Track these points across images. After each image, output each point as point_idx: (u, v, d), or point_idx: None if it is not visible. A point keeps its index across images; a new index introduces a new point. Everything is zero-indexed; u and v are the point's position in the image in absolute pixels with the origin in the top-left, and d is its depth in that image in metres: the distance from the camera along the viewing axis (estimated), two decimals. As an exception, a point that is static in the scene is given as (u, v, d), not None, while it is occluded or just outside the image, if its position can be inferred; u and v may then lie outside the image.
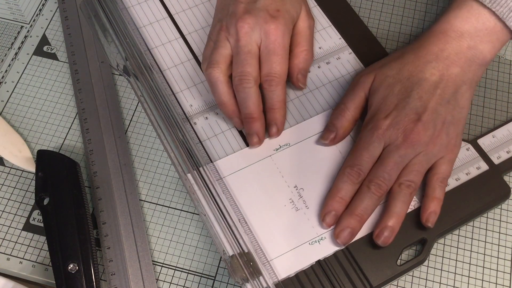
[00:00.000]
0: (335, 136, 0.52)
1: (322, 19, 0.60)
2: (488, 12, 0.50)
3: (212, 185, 0.50)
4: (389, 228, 0.46)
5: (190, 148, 0.52)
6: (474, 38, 0.50)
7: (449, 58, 0.50)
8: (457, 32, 0.51)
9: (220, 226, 0.48)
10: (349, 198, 0.48)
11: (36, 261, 0.50)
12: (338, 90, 0.56)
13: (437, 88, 0.49)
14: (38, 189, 0.50)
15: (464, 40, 0.51)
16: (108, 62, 0.59)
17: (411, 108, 0.49)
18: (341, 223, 0.47)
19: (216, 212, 0.49)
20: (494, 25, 0.50)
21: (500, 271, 0.49)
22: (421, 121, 0.48)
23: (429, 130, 0.48)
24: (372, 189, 0.47)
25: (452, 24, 0.51)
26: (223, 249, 0.47)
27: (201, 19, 0.61)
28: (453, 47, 0.50)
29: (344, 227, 0.47)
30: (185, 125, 0.53)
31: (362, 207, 0.47)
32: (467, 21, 0.51)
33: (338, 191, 0.48)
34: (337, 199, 0.48)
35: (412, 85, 0.50)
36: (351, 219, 0.47)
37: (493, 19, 0.50)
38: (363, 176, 0.48)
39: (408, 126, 0.48)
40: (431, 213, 0.48)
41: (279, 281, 0.46)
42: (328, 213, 0.48)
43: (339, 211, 0.48)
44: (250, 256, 0.47)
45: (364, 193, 0.47)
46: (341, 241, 0.47)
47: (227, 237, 0.47)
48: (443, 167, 0.49)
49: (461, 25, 0.51)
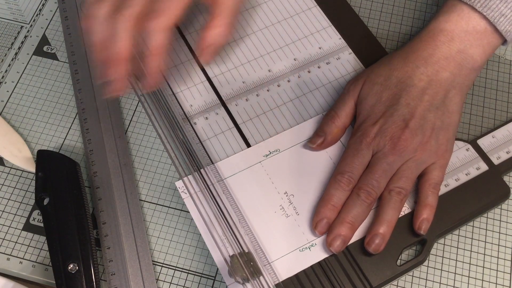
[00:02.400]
0: (323, 141, 0.52)
1: (322, 19, 0.60)
2: (478, 16, 0.50)
3: (213, 186, 0.50)
4: (380, 235, 0.46)
5: (191, 148, 0.52)
6: (464, 42, 0.50)
7: (439, 62, 0.50)
8: (447, 36, 0.51)
9: (221, 227, 0.48)
10: (341, 205, 0.48)
11: (36, 261, 0.50)
12: (338, 90, 0.56)
13: (425, 94, 0.49)
14: (38, 189, 0.50)
15: (454, 44, 0.50)
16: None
17: (399, 115, 0.49)
18: (332, 231, 0.47)
19: (216, 213, 0.49)
20: (484, 29, 0.50)
21: (500, 271, 0.49)
22: (409, 128, 0.48)
23: (417, 136, 0.48)
24: (362, 196, 0.47)
25: (442, 28, 0.51)
26: (220, 250, 0.47)
27: (202, 19, 0.61)
28: (442, 51, 0.50)
29: (336, 235, 0.47)
30: (185, 125, 0.53)
31: (352, 214, 0.47)
32: (457, 25, 0.50)
33: (330, 198, 0.48)
34: (329, 206, 0.47)
35: (400, 92, 0.50)
36: (342, 227, 0.47)
37: (483, 23, 0.50)
38: (354, 183, 0.48)
39: (396, 134, 0.48)
40: (423, 220, 0.48)
41: (279, 282, 0.46)
42: (320, 221, 0.47)
43: (331, 219, 0.47)
44: (251, 256, 0.47)
45: (354, 200, 0.47)
46: (334, 250, 0.47)
47: (228, 237, 0.47)
48: (434, 173, 0.49)
49: (451, 29, 0.51)
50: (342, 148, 0.52)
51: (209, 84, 0.57)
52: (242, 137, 0.53)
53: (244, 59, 0.58)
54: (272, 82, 0.57)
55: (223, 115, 0.55)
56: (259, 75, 0.57)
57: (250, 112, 0.55)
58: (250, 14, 0.61)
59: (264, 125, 0.54)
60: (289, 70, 0.57)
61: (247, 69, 0.58)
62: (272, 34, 0.60)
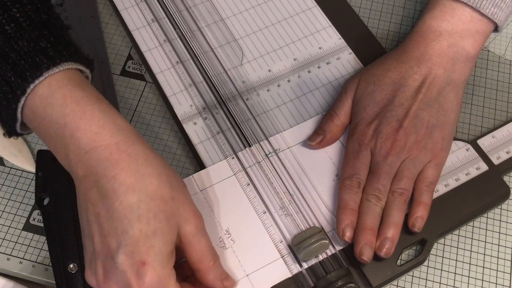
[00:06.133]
0: (322, 139, 0.52)
1: (322, 19, 0.60)
2: (461, 5, 0.50)
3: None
4: (389, 239, 0.46)
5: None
6: (453, 35, 0.50)
7: (431, 60, 0.50)
8: (435, 33, 0.51)
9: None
10: (357, 208, 0.48)
11: (36, 261, 0.50)
12: (338, 90, 0.56)
13: (419, 93, 0.49)
14: (38, 189, 0.50)
15: (444, 39, 0.50)
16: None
17: (393, 115, 0.49)
18: (358, 241, 0.46)
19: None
20: (470, 18, 0.50)
21: (500, 271, 0.49)
22: (403, 128, 0.48)
23: (411, 136, 0.48)
24: (373, 201, 0.47)
25: (429, 25, 0.51)
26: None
27: (202, 19, 0.61)
28: (434, 48, 0.50)
29: (363, 244, 0.46)
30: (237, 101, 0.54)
31: (370, 219, 0.47)
32: (442, 19, 0.51)
33: (346, 203, 0.48)
34: (348, 211, 0.47)
35: (394, 92, 0.50)
36: (365, 234, 0.46)
37: (468, 12, 0.50)
38: (363, 184, 0.48)
39: (390, 134, 0.48)
40: (417, 218, 0.47)
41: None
42: (345, 228, 0.47)
43: (354, 222, 0.47)
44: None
45: (367, 206, 0.47)
46: (367, 258, 0.46)
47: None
48: (429, 171, 0.49)
49: (438, 25, 0.51)
50: (341, 147, 0.52)
51: (209, 84, 0.57)
52: (242, 137, 0.53)
53: (244, 59, 0.58)
54: (272, 82, 0.57)
55: (223, 115, 0.55)
56: (259, 74, 0.57)
57: (250, 111, 0.55)
58: (250, 14, 0.61)
59: (265, 124, 0.54)
60: (289, 70, 0.57)
61: (247, 68, 0.58)
62: (272, 34, 0.60)
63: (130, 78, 0.60)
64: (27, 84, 0.40)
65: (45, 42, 0.41)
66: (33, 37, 0.41)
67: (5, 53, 0.40)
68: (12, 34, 0.41)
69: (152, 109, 0.58)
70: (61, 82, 0.41)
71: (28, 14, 0.42)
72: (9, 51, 0.40)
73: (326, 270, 0.47)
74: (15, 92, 0.40)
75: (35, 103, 0.40)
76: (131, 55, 0.61)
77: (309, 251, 0.46)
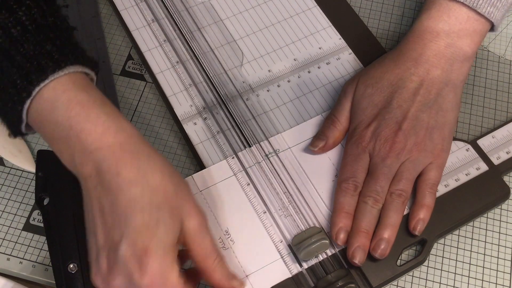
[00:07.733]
0: (324, 145, 0.52)
1: (322, 19, 0.60)
2: (458, 5, 0.50)
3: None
4: (385, 240, 0.46)
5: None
6: (450, 35, 0.50)
7: (429, 61, 0.50)
8: (433, 33, 0.51)
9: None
10: (353, 211, 0.48)
11: (36, 261, 0.50)
12: (338, 90, 0.56)
13: (417, 95, 0.49)
14: (38, 189, 0.49)
15: (441, 39, 0.50)
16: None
17: (391, 117, 0.49)
18: (351, 244, 0.46)
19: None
20: (467, 18, 0.50)
21: (500, 271, 0.49)
22: (402, 130, 0.48)
23: (411, 137, 0.48)
24: (370, 203, 0.47)
25: (425, 26, 0.51)
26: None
27: (201, 19, 0.61)
28: (431, 49, 0.50)
29: (355, 247, 0.46)
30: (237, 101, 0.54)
31: (365, 222, 0.47)
32: (439, 20, 0.51)
33: (342, 206, 0.48)
34: (342, 214, 0.47)
35: (392, 94, 0.50)
36: (358, 237, 0.46)
37: (464, 11, 0.50)
38: (360, 187, 0.48)
39: (389, 137, 0.48)
40: (419, 221, 0.47)
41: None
42: (339, 231, 0.47)
43: (348, 226, 0.47)
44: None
45: (363, 208, 0.47)
46: (358, 261, 0.46)
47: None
48: (431, 173, 0.49)
49: (435, 25, 0.51)
50: (341, 148, 0.52)
51: (209, 84, 0.57)
52: (242, 137, 0.53)
53: (244, 59, 0.58)
54: (272, 82, 0.57)
55: (223, 115, 0.55)
56: (259, 75, 0.57)
57: (250, 111, 0.55)
58: (250, 14, 0.61)
59: (265, 124, 0.54)
60: (289, 70, 0.57)
61: (247, 69, 0.58)
62: (272, 34, 0.60)
63: (130, 78, 0.60)
64: (32, 87, 0.40)
65: (51, 45, 0.41)
66: (39, 40, 0.41)
67: (11, 56, 0.41)
68: (18, 37, 0.41)
69: (152, 109, 0.58)
70: (66, 85, 0.41)
71: (34, 17, 0.42)
72: (15, 54, 0.41)
73: (326, 270, 0.47)
74: (21, 95, 0.41)
75: (41, 106, 0.41)
76: (131, 55, 0.61)
77: (309, 251, 0.46)
